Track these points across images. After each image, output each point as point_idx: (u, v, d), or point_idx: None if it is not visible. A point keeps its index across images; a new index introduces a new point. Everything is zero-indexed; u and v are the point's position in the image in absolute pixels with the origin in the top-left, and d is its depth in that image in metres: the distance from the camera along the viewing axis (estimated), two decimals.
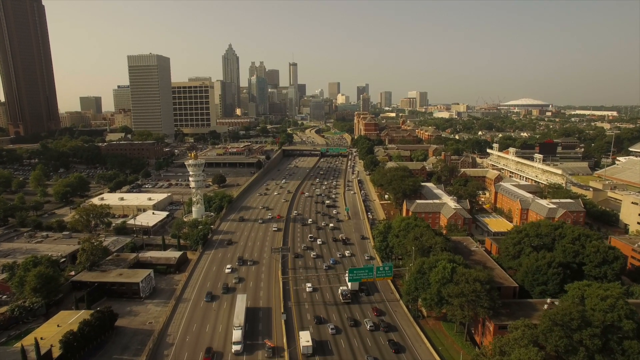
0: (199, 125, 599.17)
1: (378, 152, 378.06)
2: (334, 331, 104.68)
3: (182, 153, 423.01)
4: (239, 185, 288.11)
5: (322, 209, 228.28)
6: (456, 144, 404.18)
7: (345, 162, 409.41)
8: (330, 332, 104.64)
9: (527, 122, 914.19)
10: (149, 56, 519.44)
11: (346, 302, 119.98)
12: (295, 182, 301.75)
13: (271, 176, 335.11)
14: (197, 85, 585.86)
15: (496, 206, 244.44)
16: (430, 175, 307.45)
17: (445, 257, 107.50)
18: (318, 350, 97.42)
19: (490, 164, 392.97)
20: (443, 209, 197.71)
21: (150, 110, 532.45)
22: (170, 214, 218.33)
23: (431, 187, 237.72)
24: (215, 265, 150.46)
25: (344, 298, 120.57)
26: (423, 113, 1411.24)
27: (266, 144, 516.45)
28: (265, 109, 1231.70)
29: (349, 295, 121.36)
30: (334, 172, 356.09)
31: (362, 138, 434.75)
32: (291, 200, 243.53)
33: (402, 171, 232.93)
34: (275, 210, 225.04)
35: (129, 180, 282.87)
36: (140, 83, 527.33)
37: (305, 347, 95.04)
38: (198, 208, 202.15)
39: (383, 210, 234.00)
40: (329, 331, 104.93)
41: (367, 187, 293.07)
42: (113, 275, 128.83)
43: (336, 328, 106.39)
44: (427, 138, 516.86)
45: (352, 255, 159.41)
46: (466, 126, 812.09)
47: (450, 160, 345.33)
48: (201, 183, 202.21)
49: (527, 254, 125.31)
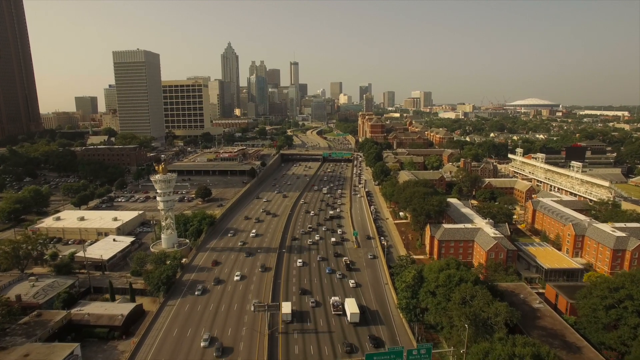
0: (192, 127, 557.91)
1: (387, 158, 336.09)
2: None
3: (169, 158, 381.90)
4: (224, 200, 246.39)
5: (324, 234, 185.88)
6: (475, 149, 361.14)
7: (351, 168, 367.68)
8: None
9: (539, 123, 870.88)
10: (136, 52, 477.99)
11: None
12: (294, 195, 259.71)
13: (266, 186, 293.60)
14: (190, 84, 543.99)
15: (533, 226, 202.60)
16: (450, 187, 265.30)
17: (528, 351, 65.51)
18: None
19: (512, 171, 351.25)
20: (478, 237, 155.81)
21: (138, 110, 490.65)
22: (138, 239, 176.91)
23: (457, 205, 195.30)
24: (179, 326, 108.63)
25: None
26: (428, 113, 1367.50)
27: (263, 147, 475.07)
28: (265, 110, 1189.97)
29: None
30: (338, 180, 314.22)
31: (369, 142, 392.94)
32: (286, 221, 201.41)
33: (423, 186, 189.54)
34: (266, 235, 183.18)
35: (99, 193, 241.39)
36: (127, 81, 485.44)
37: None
38: (169, 235, 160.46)
39: (399, 232, 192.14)
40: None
41: (377, 201, 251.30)
42: None
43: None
44: (438, 141, 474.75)
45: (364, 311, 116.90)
46: (476, 127, 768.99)
47: (471, 167, 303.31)
48: (172, 203, 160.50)
49: (634, 326, 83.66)
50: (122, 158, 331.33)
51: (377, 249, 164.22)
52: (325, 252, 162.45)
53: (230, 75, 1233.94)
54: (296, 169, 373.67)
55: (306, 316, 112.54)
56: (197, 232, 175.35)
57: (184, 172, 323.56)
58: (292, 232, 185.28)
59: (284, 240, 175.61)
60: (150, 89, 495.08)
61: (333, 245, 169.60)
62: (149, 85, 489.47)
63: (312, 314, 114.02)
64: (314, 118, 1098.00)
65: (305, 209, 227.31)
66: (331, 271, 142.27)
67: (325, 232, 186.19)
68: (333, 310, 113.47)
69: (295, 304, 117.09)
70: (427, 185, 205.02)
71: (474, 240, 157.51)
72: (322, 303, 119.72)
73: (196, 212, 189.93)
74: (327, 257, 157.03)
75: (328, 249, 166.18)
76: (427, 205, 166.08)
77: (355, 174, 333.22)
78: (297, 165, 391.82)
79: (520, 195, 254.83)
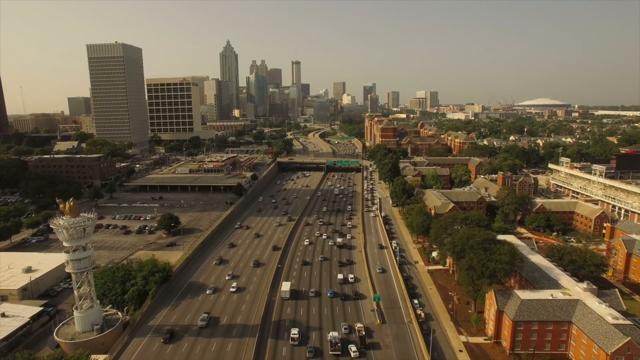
0: (180, 131, 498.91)
1: (406, 170, 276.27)
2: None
3: (145, 169, 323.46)
4: (197, 232, 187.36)
5: (330, 303, 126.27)
6: (512, 158, 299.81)
7: (360, 179, 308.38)
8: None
9: (557, 125, 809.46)
10: (113, 45, 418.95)
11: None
12: (288, 225, 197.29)
13: (257, 206, 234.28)
14: (177, 83, 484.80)
15: (627, 276, 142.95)
16: (492, 211, 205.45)
17: None
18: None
19: (553, 185, 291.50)
20: (579, 318, 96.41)
21: (116, 112, 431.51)
22: (49, 308, 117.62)
23: (525, 251, 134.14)
24: None
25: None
26: (435, 114, 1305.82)
27: (258, 154, 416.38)
28: (265, 110, 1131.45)
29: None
30: (346, 199, 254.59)
31: (381, 149, 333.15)
32: (275, 273, 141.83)
33: (483, 232, 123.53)
34: (245, 298, 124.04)
35: (31, 222, 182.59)
36: (103, 79, 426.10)
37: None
38: (86, 312, 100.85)
39: (437, 287, 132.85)
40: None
41: (397, 230, 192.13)
42: None
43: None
44: (458, 147, 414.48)
45: None
46: (492, 130, 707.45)
47: (512, 182, 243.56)
48: (88, 262, 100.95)
49: None
50: (83, 170, 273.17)
51: (412, 327, 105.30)
52: (331, 319, 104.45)
53: (229, 74, 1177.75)
54: (295, 181, 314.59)
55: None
56: (142, 294, 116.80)
57: (157, 187, 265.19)
58: (282, 289, 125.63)
59: (269, 309, 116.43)
60: (131, 87, 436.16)
61: (342, 308, 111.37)
62: (128, 83, 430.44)
63: None
64: (316, 119, 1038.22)
65: (305, 246, 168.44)
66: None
67: (333, 283, 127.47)
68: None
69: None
70: (477, 220, 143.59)
71: (571, 321, 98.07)
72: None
73: (146, 260, 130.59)
74: (337, 339, 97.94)
75: (336, 319, 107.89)
76: (493, 261, 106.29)
77: (366, 189, 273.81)
78: (297, 176, 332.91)
79: (585, 222, 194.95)
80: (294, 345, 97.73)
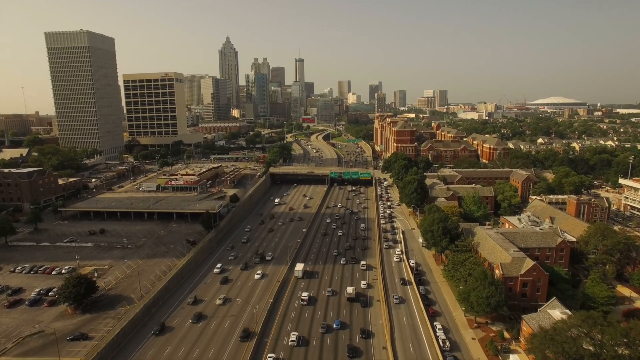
0: (162, 134, 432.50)
1: (436, 190, 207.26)
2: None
3: (102, 184, 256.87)
4: (128, 301, 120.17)
5: None
6: (574, 173, 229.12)
7: (373, 197, 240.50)
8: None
9: (584, 125, 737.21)
10: (76, 33, 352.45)
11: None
12: (277, 269, 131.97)
13: (228, 251, 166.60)
14: (157, 79, 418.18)
15: None
16: (579, 260, 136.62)
17: None
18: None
19: (625, 205, 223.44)
20: None
21: (80, 112, 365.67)
22: None
23: None
24: None
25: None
26: (445, 114, 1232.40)
27: (249, 162, 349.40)
28: (265, 110, 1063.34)
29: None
30: (357, 233, 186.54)
31: (399, 159, 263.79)
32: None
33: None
34: None
35: None
36: (64, 73, 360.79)
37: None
38: None
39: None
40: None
41: (438, 295, 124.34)
42: None
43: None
44: (488, 153, 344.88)
45: None
46: (515, 131, 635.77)
47: (589, 209, 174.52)
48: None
49: None
50: (9, 189, 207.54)
51: None
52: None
53: (228, 72, 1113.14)
54: (289, 201, 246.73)
55: None
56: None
57: (103, 214, 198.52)
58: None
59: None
60: (99, 83, 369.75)
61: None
62: (96, 78, 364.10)
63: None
64: (320, 119, 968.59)
65: (295, 337, 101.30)
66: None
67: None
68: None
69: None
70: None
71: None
72: None
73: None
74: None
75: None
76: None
77: (383, 215, 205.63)
78: (293, 192, 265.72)
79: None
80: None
